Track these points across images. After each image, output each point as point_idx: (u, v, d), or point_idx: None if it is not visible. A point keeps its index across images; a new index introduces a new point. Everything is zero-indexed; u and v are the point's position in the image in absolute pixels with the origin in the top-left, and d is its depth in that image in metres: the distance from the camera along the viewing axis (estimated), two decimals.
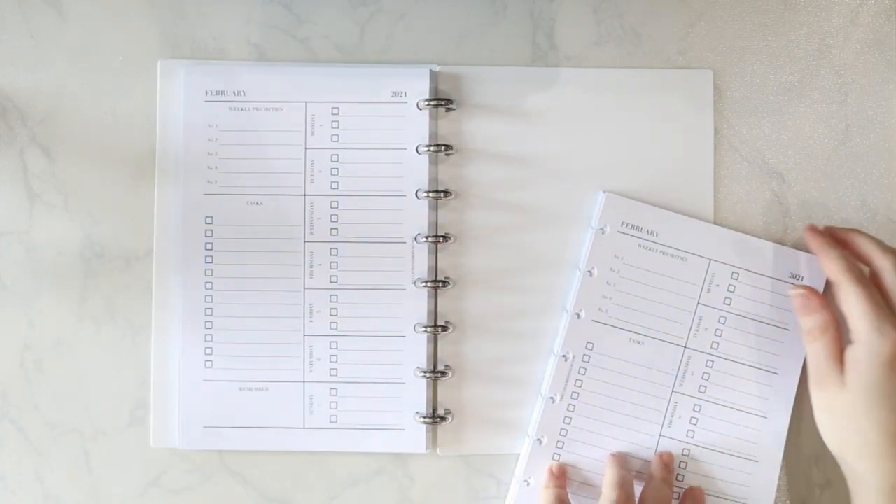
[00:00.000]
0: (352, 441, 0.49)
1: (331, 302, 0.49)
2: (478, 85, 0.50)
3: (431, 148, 0.49)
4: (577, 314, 0.49)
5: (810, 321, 0.45)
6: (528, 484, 0.49)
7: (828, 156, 0.51)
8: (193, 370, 0.48)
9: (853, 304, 0.43)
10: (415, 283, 0.49)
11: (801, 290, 0.46)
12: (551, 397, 0.49)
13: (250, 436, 0.48)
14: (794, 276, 0.49)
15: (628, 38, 0.51)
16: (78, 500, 0.49)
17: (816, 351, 0.45)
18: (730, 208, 0.50)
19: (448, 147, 0.49)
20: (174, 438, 0.49)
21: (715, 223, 0.50)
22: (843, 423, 0.44)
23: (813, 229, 0.47)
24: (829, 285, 0.47)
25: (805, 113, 0.51)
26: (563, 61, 0.50)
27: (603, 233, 0.49)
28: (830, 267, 0.45)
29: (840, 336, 0.45)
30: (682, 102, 0.50)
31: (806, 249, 0.49)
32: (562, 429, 0.49)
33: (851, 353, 0.43)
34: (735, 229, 0.50)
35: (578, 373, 0.49)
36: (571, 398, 0.49)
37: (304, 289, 0.49)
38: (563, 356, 0.49)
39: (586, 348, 0.49)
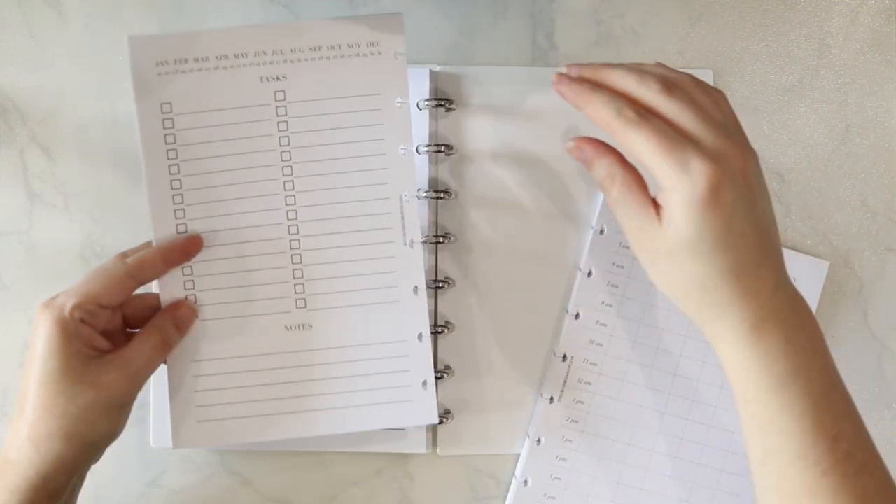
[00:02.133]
0: (352, 441, 0.49)
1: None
2: (478, 85, 0.50)
3: (431, 148, 0.49)
4: (576, 314, 0.49)
5: (596, 172, 0.38)
6: (527, 484, 0.49)
7: (828, 156, 0.51)
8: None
9: (643, 150, 0.36)
10: None
11: (571, 143, 0.39)
12: (550, 397, 0.49)
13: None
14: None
15: (628, 38, 0.51)
16: (78, 499, 0.49)
17: (616, 202, 0.38)
18: None
19: (448, 147, 0.49)
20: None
21: None
22: (676, 275, 0.37)
23: (560, 81, 0.39)
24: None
25: (805, 113, 0.51)
26: (563, 61, 0.50)
27: (602, 233, 0.49)
28: (598, 117, 0.37)
29: (639, 178, 0.38)
30: None
31: (793, 247, 0.49)
32: (561, 428, 0.49)
33: (663, 202, 0.36)
34: None
35: (577, 373, 0.49)
36: (571, 398, 0.49)
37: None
38: (563, 356, 0.49)
39: (586, 348, 0.49)
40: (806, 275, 0.49)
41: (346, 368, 0.46)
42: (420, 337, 0.46)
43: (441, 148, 0.49)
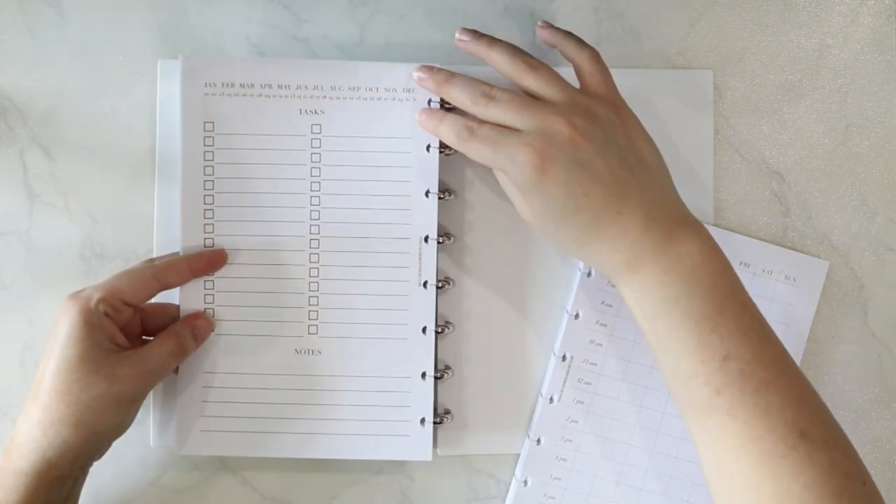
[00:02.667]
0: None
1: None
2: None
3: None
4: (576, 314, 0.49)
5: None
6: (527, 484, 0.49)
7: (828, 156, 0.51)
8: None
9: (481, 159, 0.42)
10: None
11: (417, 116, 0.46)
12: (550, 397, 0.49)
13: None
14: (788, 277, 0.49)
15: (628, 38, 0.51)
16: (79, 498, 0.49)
17: (506, 189, 0.43)
18: (730, 208, 0.50)
19: (448, 147, 0.49)
20: (174, 439, 0.48)
21: (715, 223, 0.50)
22: (556, 240, 0.43)
23: (419, 116, 0.46)
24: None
25: (805, 113, 0.51)
26: (564, 61, 0.50)
27: None
28: (446, 141, 0.44)
29: None
30: (682, 102, 0.50)
31: (793, 247, 0.49)
32: (561, 428, 0.49)
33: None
34: (735, 229, 0.50)
35: (577, 373, 0.49)
36: (571, 398, 0.49)
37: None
38: (563, 356, 0.49)
39: (586, 348, 0.49)
40: (806, 275, 0.49)
41: (348, 397, 0.47)
42: (423, 376, 0.47)
43: (441, 148, 0.49)
